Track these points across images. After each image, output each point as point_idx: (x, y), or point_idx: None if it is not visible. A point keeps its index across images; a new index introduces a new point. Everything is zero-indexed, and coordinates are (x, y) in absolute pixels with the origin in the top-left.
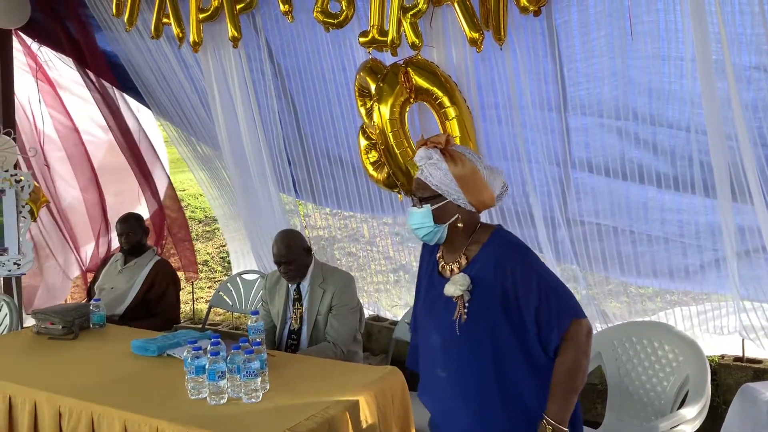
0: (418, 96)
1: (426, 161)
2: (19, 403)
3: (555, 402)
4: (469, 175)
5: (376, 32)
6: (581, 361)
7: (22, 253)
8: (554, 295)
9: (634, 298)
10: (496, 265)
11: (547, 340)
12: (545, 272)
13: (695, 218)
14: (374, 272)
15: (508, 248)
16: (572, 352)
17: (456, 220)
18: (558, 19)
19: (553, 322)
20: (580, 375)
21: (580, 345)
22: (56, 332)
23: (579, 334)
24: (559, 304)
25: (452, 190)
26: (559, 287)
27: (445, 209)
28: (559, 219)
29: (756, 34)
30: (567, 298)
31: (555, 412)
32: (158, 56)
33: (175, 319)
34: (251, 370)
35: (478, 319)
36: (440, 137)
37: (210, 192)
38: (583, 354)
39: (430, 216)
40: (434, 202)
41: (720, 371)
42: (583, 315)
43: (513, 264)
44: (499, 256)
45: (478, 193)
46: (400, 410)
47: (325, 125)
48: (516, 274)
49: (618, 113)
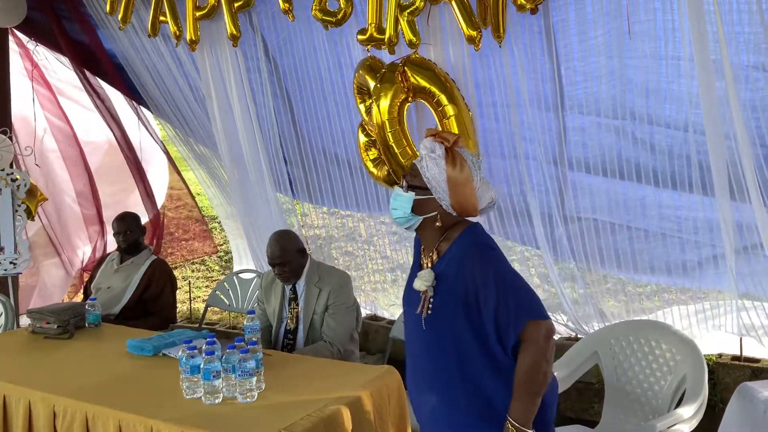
0: (416, 95)
1: (428, 152)
2: (13, 402)
3: (516, 402)
4: (461, 181)
5: (374, 30)
6: (540, 362)
7: (18, 252)
8: (512, 295)
9: (631, 297)
10: (459, 264)
11: (506, 339)
12: (505, 272)
13: (693, 214)
14: (371, 271)
15: (472, 248)
16: (530, 353)
17: (433, 217)
18: (555, 17)
19: (510, 322)
20: (539, 377)
21: (539, 347)
22: (51, 332)
23: (537, 335)
24: (517, 304)
25: (440, 189)
26: (519, 288)
27: (426, 203)
28: (556, 217)
29: (754, 33)
30: (526, 299)
31: (517, 414)
32: (154, 54)
33: (171, 319)
34: (246, 369)
35: (441, 315)
36: (451, 135)
37: (210, 190)
38: (542, 356)
39: (410, 203)
40: (420, 192)
41: (718, 370)
42: (543, 316)
43: (473, 263)
44: (462, 255)
45: (463, 201)
46: (396, 410)
47: (321, 123)
48: (476, 274)
49: (615, 112)
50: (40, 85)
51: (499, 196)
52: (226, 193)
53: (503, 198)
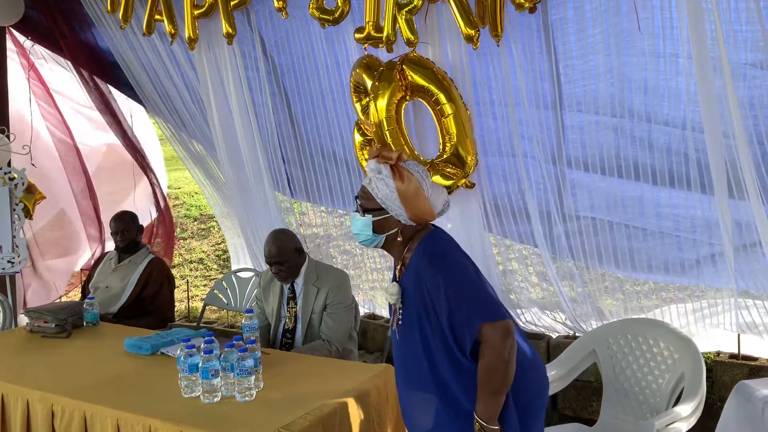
0: (414, 93)
1: (375, 174)
2: (11, 401)
3: (480, 402)
4: (411, 194)
5: (372, 28)
6: (497, 362)
7: (15, 252)
8: (463, 300)
9: (629, 295)
10: (416, 276)
11: (463, 344)
12: (455, 278)
13: (691, 213)
14: (370, 270)
15: (424, 258)
16: (488, 355)
17: (395, 233)
18: (554, 15)
19: (465, 327)
20: (498, 376)
21: (495, 347)
22: (49, 331)
23: (493, 336)
24: (470, 308)
25: (395, 206)
26: (471, 292)
27: (385, 222)
28: (554, 215)
29: (752, 31)
30: (477, 302)
31: (482, 411)
32: (150, 53)
33: (169, 318)
34: (245, 368)
35: (409, 325)
36: (393, 153)
37: (207, 190)
38: (499, 355)
39: (370, 226)
40: (376, 214)
41: (715, 368)
42: (498, 317)
43: (425, 273)
44: (416, 266)
45: (418, 210)
46: (394, 408)
47: (319, 122)
48: (428, 283)
49: (614, 110)
50: (36, 86)
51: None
52: (222, 193)
53: (501, 196)
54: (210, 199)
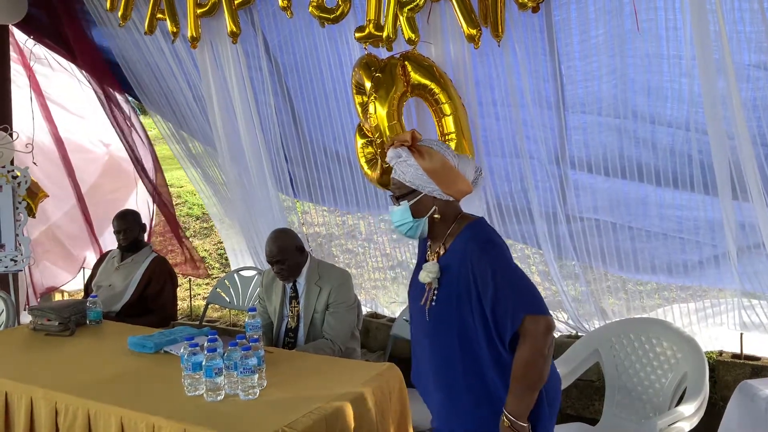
0: (414, 91)
1: (396, 160)
2: (15, 399)
3: (512, 396)
4: (439, 167)
5: (373, 27)
6: (536, 358)
7: (19, 250)
8: (510, 290)
9: (632, 295)
10: (462, 258)
11: (503, 333)
12: (505, 267)
13: (694, 214)
14: (372, 269)
15: (473, 242)
16: (527, 348)
17: (434, 212)
18: (557, 16)
19: (507, 317)
20: (535, 372)
21: (536, 342)
22: (53, 329)
23: (535, 330)
24: (515, 298)
25: (425, 184)
26: (518, 282)
27: (421, 203)
28: (558, 216)
29: (756, 32)
30: (524, 294)
31: (512, 407)
32: (154, 52)
33: (172, 316)
34: (248, 366)
35: (444, 306)
36: (405, 135)
37: (203, 190)
38: (539, 351)
39: (408, 212)
40: (410, 197)
41: (718, 368)
42: (543, 312)
43: (473, 257)
44: (465, 249)
45: (452, 183)
46: (397, 407)
47: (322, 122)
48: (475, 266)
49: (617, 111)
50: (36, 93)
51: (503, 194)
52: (220, 194)
53: (504, 197)
54: (206, 201)
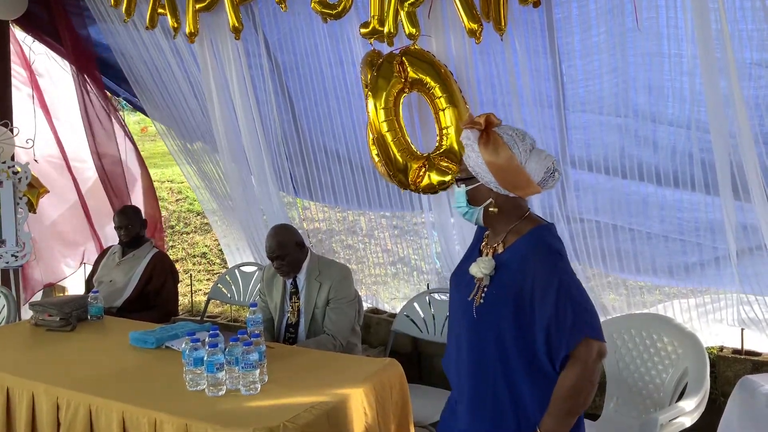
0: (413, 86)
1: (466, 142)
2: (17, 394)
3: (551, 417)
4: (503, 163)
5: (377, 23)
6: (584, 382)
7: (20, 245)
8: (572, 308)
9: (632, 291)
10: (522, 261)
11: (556, 351)
12: (570, 282)
13: (695, 216)
14: (373, 265)
15: (539, 248)
16: (577, 371)
17: (489, 204)
18: (558, 14)
19: (564, 335)
20: (581, 398)
21: (587, 366)
22: (54, 324)
23: (588, 355)
24: (575, 317)
25: (484, 173)
26: (581, 302)
27: (478, 192)
28: (558, 216)
29: (758, 30)
30: (586, 315)
31: (549, 427)
32: (152, 47)
33: (173, 312)
34: (250, 361)
35: (491, 306)
36: (480, 118)
37: (199, 188)
38: (589, 375)
39: (464, 197)
40: (468, 183)
41: (719, 363)
42: (601, 337)
43: (537, 265)
44: (527, 253)
45: (513, 179)
46: (398, 402)
47: (322, 120)
48: (537, 276)
49: (618, 110)
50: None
51: None
52: (218, 189)
53: None
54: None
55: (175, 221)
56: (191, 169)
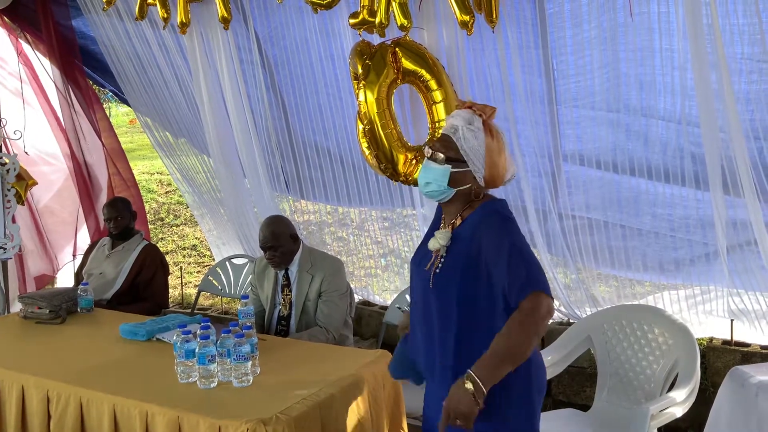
0: (405, 78)
1: (465, 125)
2: (6, 387)
3: (482, 361)
4: (496, 153)
5: (366, 13)
6: (529, 333)
7: (8, 237)
8: (523, 265)
9: (623, 282)
10: (476, 227)
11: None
12: (521, 243)
13: (686, 212)
14: (364, 257)
15: (492, 215)
16: (519, 318)
17: (467, 189)
18: (550, 9)
19: (514, 289)
20: (522, 346)
21: (535, 318)
22: (43, 317)
23: (537, 306)
24: (527, 273)
25: (478, 162)
26: (531, 260)
27: (462, 176)
28: (550, 211)
29: (749, 24)
30: (535, 271)
31: (483, 371)
32: (137, 40)
33: (163, 304)
34: (242, 353)
35: (448, 273)
36: (487, 108)
37: (180, 180)
38: (534, 328)
39: (447, 177)
40: (456, 165)
41: (708, 354)
42: (548, 292)
43: (490, 228)
44: (481, 220)
45: (496, 172)
46: (390, 393)
47: (312, 116)
48: (491, 238)
49: (609, 105)
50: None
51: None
52: (202, 188)
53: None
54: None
55: (165, 213)
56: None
